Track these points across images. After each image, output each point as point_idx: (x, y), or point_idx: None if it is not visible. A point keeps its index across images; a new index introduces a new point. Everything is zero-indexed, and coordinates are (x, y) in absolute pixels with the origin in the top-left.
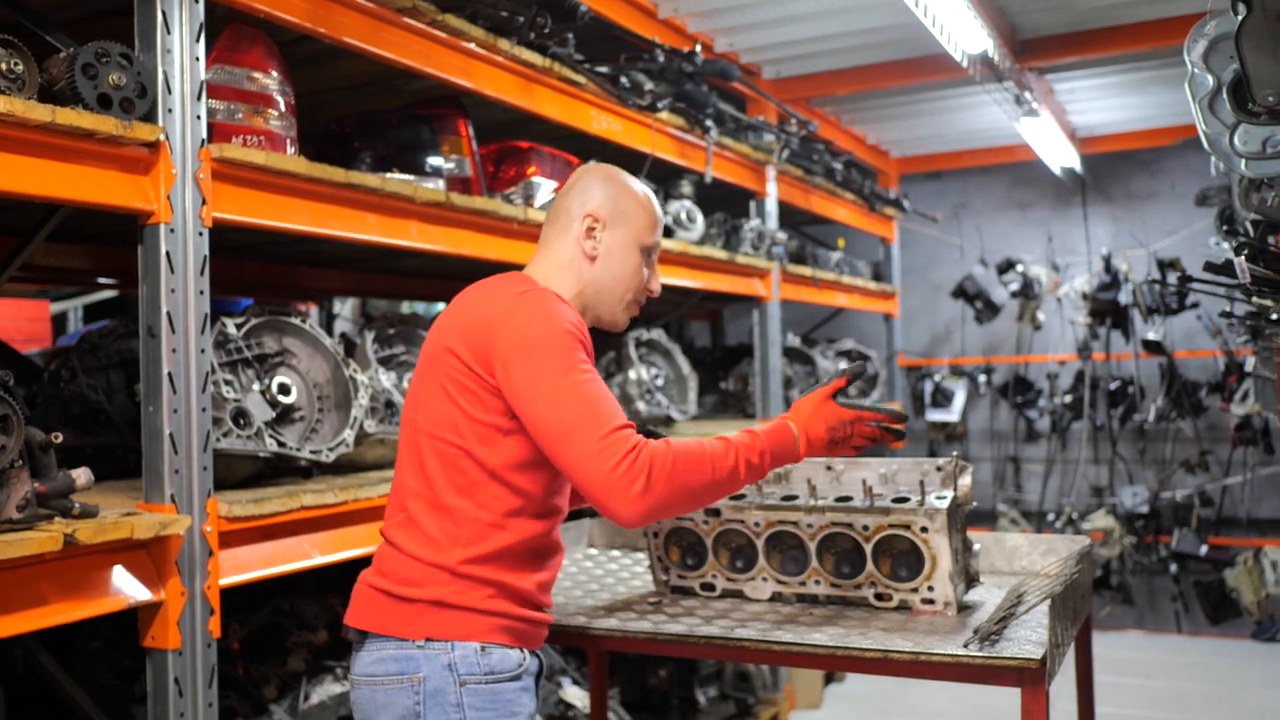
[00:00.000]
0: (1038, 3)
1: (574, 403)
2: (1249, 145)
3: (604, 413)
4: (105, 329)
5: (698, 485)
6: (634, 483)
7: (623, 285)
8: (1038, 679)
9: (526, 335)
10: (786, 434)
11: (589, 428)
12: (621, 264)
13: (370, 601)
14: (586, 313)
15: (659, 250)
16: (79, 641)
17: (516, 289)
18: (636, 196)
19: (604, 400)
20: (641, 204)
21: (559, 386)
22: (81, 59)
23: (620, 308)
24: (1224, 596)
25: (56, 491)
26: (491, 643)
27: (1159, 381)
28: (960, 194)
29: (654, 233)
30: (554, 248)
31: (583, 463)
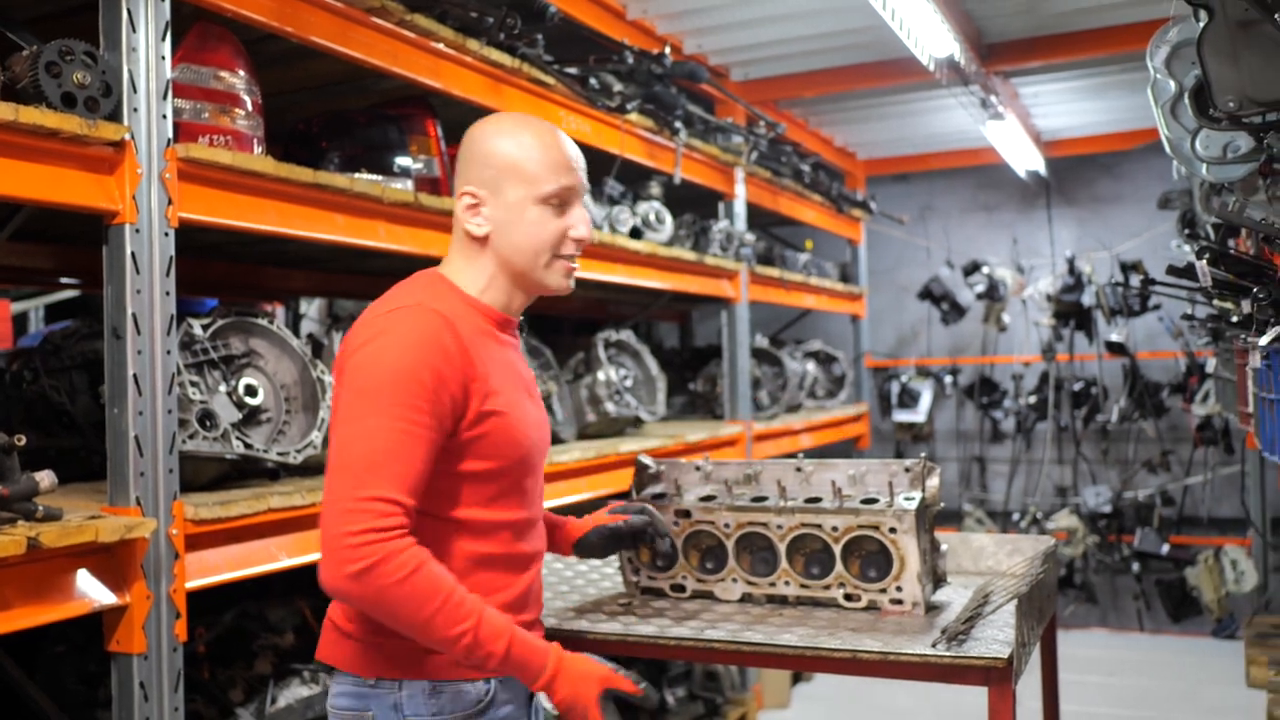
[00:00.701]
0: (1003, 7)
1: (361, 446)
2: (1210, 150)
3: (379, 472)
4: (68, 329)
5: (404, 617)
6: (353, 562)
7: (532, 250)
8: (1004, 678)
9: (365, 359)
10: (534, 667)
11: (354, 480)
12: (521, 229)
13: (329, 636)
14: (513, 298)
15: (577, 190)
16: (43, 646)
17: (391, 304)
18: (517, 147)
19: (393, 459)
20: (525, 154)
21: (359, 423)
22: (45, 57)
23: (544, 272)
24: (1185, 595)
25: (20, 495)
26: (444, 679)
27: (1122, 382)
28: (927, 196)
29: (554, 177)
30: (458, 234)
31: (327, 509)
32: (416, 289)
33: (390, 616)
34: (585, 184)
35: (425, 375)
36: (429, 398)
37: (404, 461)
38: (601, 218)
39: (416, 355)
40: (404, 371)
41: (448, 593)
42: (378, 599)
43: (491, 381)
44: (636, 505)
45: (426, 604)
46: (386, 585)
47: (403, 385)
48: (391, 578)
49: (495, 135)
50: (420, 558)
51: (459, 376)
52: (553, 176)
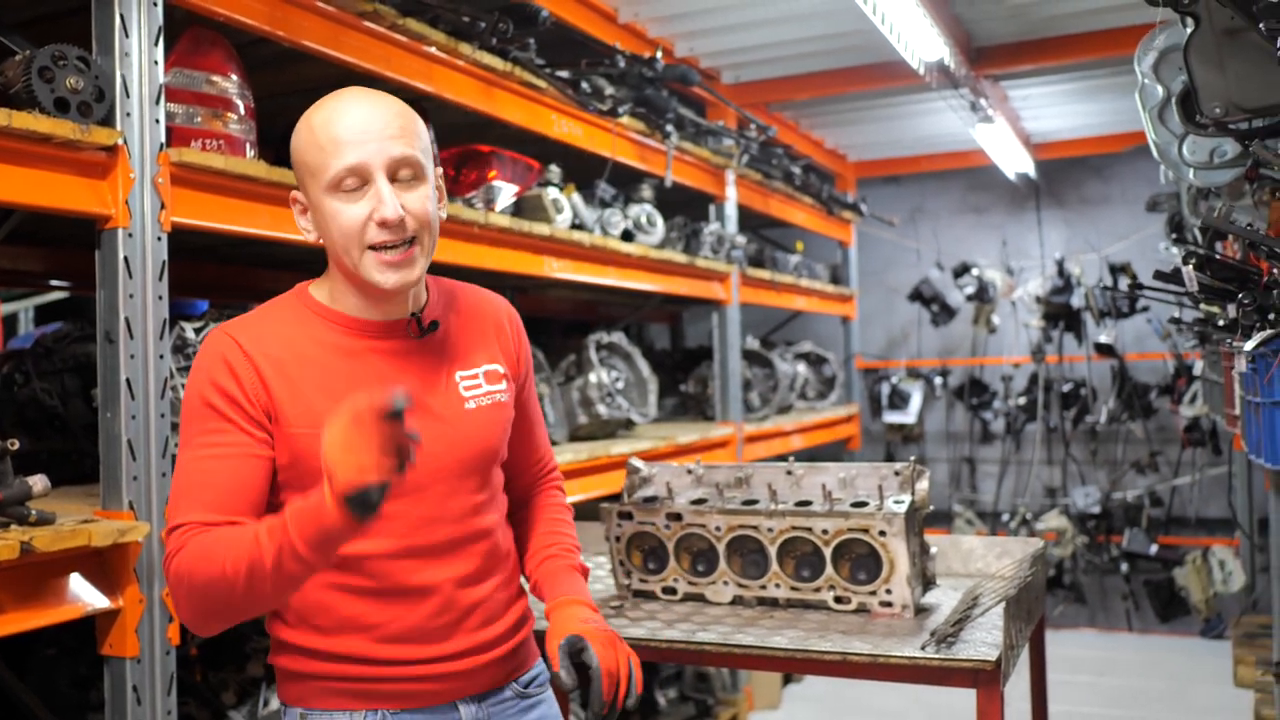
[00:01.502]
0: (992, 11)
1: (172, 486)
2: (1197, 155)
3: (176, 504)
4: (60, 332)
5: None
6: (170, 587)
7: (343, 246)
8: (992, 680)
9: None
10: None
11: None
12: (328, 226)
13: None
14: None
15: (374, 166)
16: (35, 649)
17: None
18: (299, 139)
19: (189, 487)
20: (304, 143)
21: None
22: (38, 62)
23: (364, 268)
24: (1173, 595)
25: (13, 499)
26: (314, 708)
27: (1110, 384)
28: (917, 198)
29: (333, 159)
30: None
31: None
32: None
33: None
34: (392, 154)
35: (211, 394)
36: (221, 414)
37: (200, 485)
38: (593, 220)
39: (200, 376)
40: (192, 396)
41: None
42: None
43: (297, 402)
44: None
45: (220, 579)
46: (186, 588)
47: (193, 412)
48: (186, 582)
49: (296, 130)
50: (195, 544)
51: (250, 395)
52: (330, 160)
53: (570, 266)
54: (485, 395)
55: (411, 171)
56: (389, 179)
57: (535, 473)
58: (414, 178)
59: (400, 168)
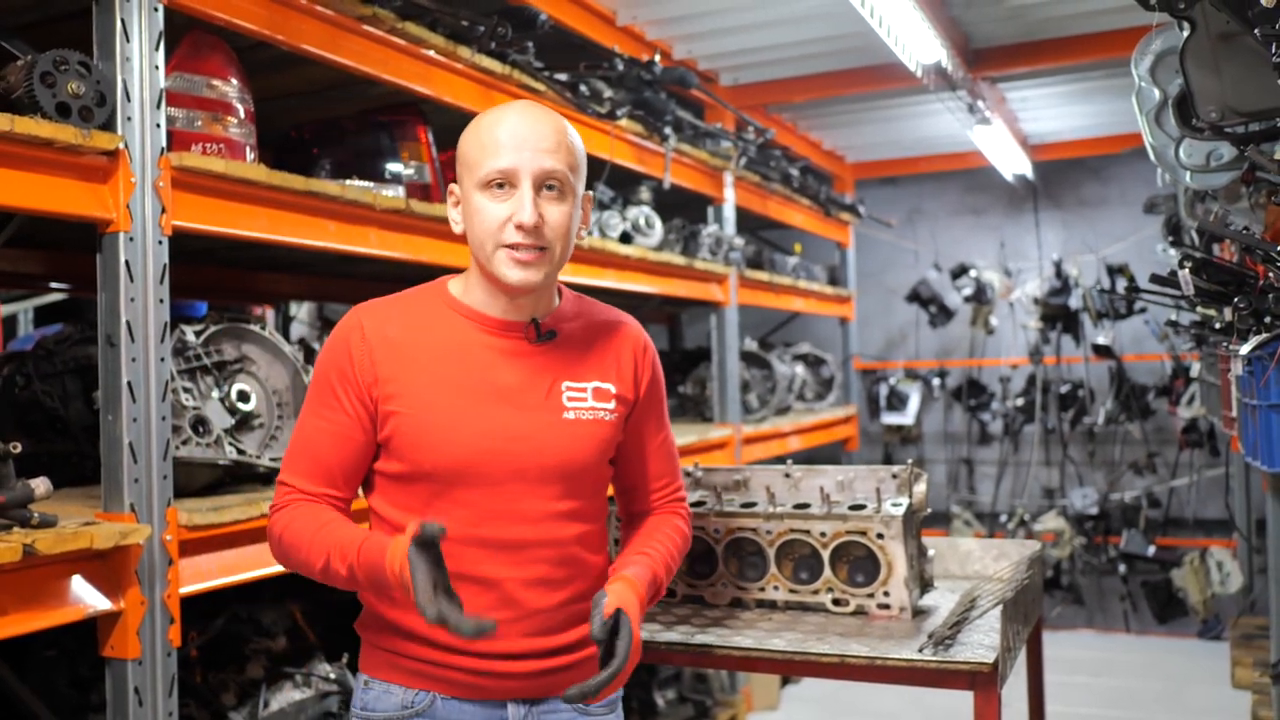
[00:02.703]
0: (990, 14)
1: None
2: (1194, 158)
3: (288, 463)
4: (60, 334)
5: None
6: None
7: (480, 240)
8: (990, 682)
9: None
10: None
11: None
12: (471, 220)
13: None
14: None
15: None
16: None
17: None
18: (466, 137)
19: (299, 451)
20: (469, 141)
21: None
22: (40, 67)
23: (495, 263)
24: (1171, 596)
25: (15, 501)
26: (374, 678)
27: (1108, 385)
28: (915, 199)
29: (488, 160)
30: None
31: None
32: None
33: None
34: (542, 165)
35: (330, 374)
36: (335, 394)
37: (304, 453)
38: (592, 222)
39: (326, 356)
40: (319, 371)
41: (312, 533)
42: (281, 558)
43: (400, 382)
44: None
45: (298, 549)
46: (276, 543)
47: (316, 385)
48: (276, 537)
49: (466, 129)
50: (295, 512)
51: (361, 376)
52: (487, 159)
53: (569, 269)
54: (588, 410)
55: (558, 185)
56: (535, 188)
57: (656, 496)
58: (560, 192)
59: (547, 179)
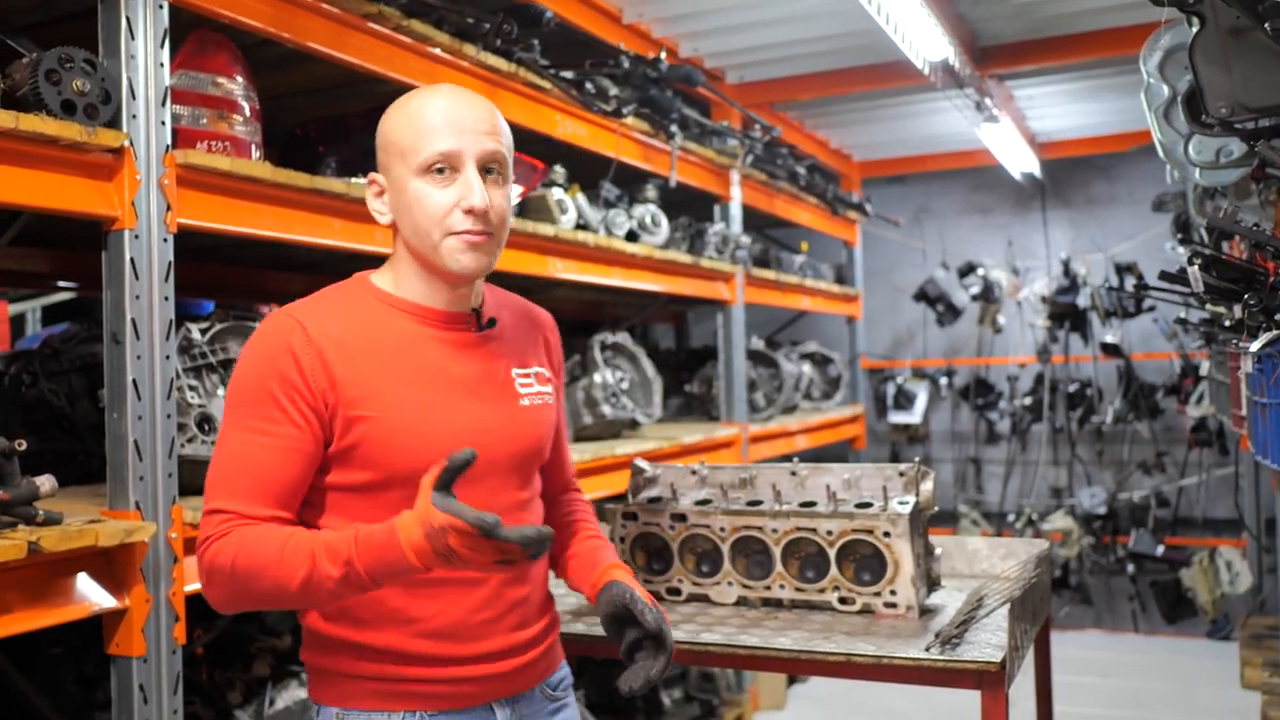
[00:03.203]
0: (997, 11)
1: (213, 462)
2: (1203, 155)
3: (220, 485)
4: (67, 333)
5: (257, 590)
6: (200, 568)
7: (421, 230)
8: (997, 682)
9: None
10: (391, 539)
11: (206, 496)
12: (410, 209)
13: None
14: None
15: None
16: (40, 648)
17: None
18: (394, 121)
19: (233, 471)
20: (399, 125)
21: (220, 439)
22: (45, 65)
23: (438, 254)
24: (1180, 596)
25: (20, 499)
26: (353, 709)
27: (1117, 384)
28: (922, 198)
29: (427, 143)
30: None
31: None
32: (316, 294)
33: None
34: (485, 147)
35: (270, 382)
36: (278, 404)
37: (245, 472)
38: (597, 220)
39: (258, 363)
40: (248, 380)
41: (278, 548)
42: (229, 593)
43: (361, 385)
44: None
45: (264, 570)
46: (223, 578)
47: (246, 396)
48: (223, 569)
49: (387, 114)
50: (241, 536)
51: (311, 382)
52: (425, 143)
53: (575, 267)
54: (537, 395)
55: (499, 169)
56: (479, 171)
57: (564, 482)
58: (500, 176)
59: (490, 162)
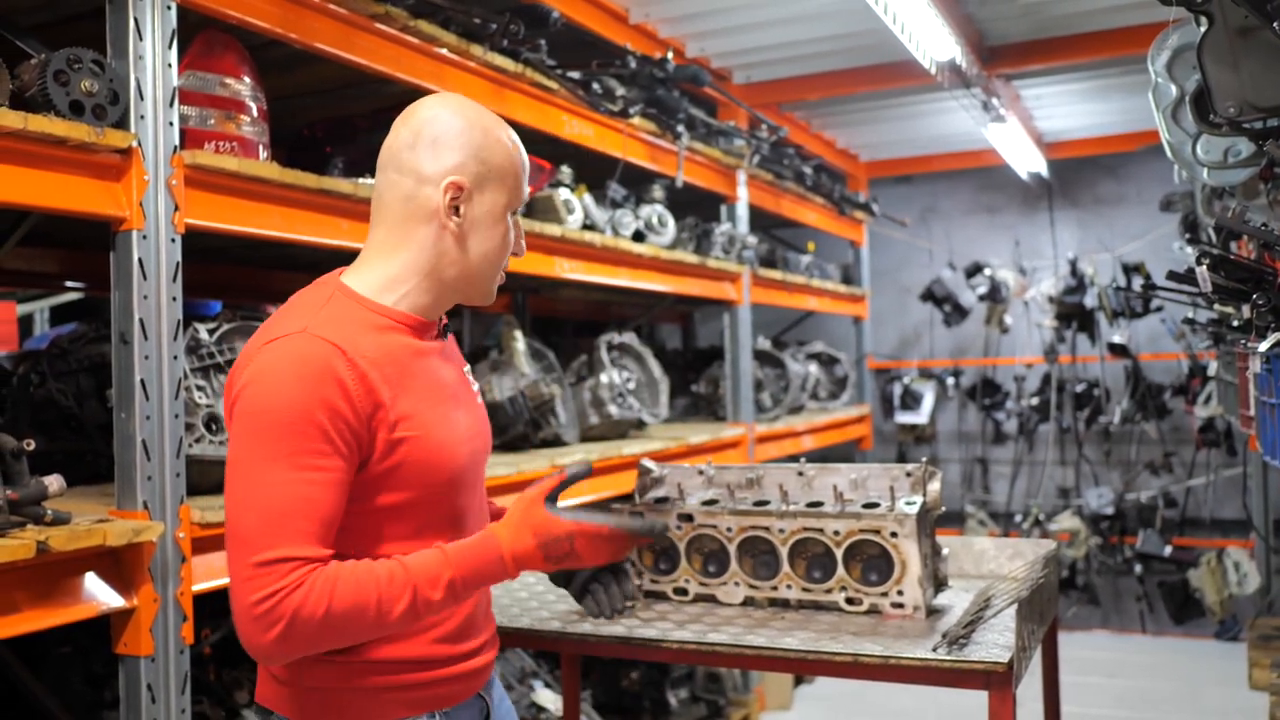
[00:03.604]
0: (1004, 10)
1: (254, 506)
2: (1211, 155)
3: (275, 531)
4: (75, 333)
5: (351, 635)
6: (271, 628)
7: (493, 264)
8: (1004, 682)
9: (247, 403)
10: (491, 552)
11: (248, 546)
12: (490, 239)
13: (265, 680)
14: (439, 302)
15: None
16: (49, 647)
17: (272, 332)
18: (505, 146)
19: (291, 514)
20: (511, 155)
21: (251, 480)
22: (53, 66)
23: (492, 287)
24: (1188, 597)
25: (29, 499)
26: None
27: (1124, 384)
28: (929, 198)
29: (524, 187)
30: (392, 229)
31: (233, 582)
32: (305, 309)
33: (337, 642)
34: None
35: (317, 412)
36: (326, 437)
37: (304, 514)
38: (604, 221)
39: (304, 391)
40: (293, 412)
41: (373, 584)
42: (315, 642)
43: (400, 405)
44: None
45: (364, 610)
46: (314, 630)
47: (295, 429)
48: (313, 621)
49: (485, 125)
50: (328, 579)
51: (358, 408)
52: (523, 186)
53: (582, 267)
54: (478, 392)
55: None
56: None
57: None
58: None
59: None
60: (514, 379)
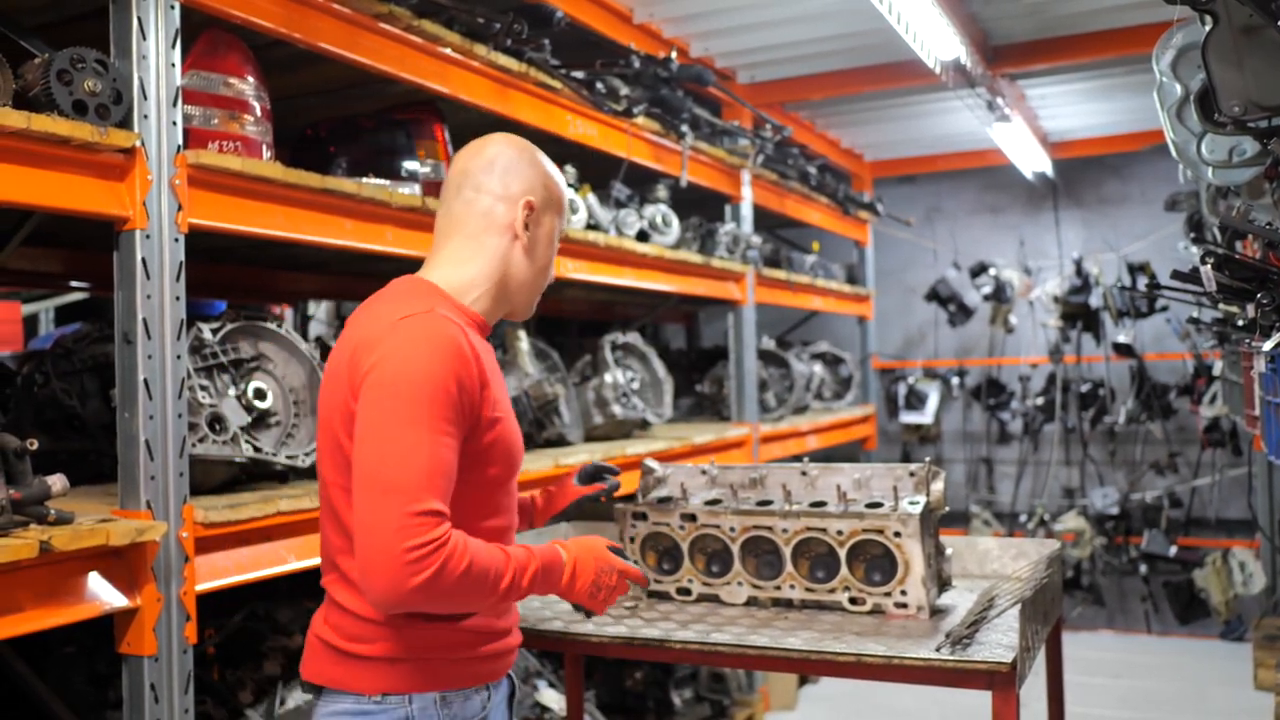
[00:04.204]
0: (1009, 10)
1: (404, 460)
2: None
3: (427, 486)
4: (79, 333)
5: (471, 597)
6: (419, 574)
7: (544, 278)
8: (1008, 682)
9: (387, 370)
10: (558, 563)
11: (405, 495)
12: (546, 255)
13: (322, 656)
14: (497, 309)
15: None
16: (53, 647)
17: (399, 311)
18: (559, 180)
19: (435, 472)
20: (562, 188)
21: (398, 438)
22: (57, 65)
23: (535, 300)
24: (1193, 596)
25: (32, 498)
26: (451, 690)
27: (1129, 384)
28: (933, 198)
29: (565, 212)
30: (464, 243)
31: (381, 527)
32: (420, 295)
33: (457, 606)
34: None
35: (451, 384)
36: (455, 406)
37: (442, 473)
38: (608, 220)
39: (441, 363)
40: (433, 381)
41: (491, 556)
42: (448, 595)
43: (492, 389)
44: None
45: (485, 580)
46: (452, 584)
47: (433, 396)
48: (454, 575)
49: (545, 161)
50: (467, 540)
51: (474, 384)
52: (565, 213)
53: (586, 267)
54: None
55: None
56: None
57: None
58: None
59: None
60: (518, 379)
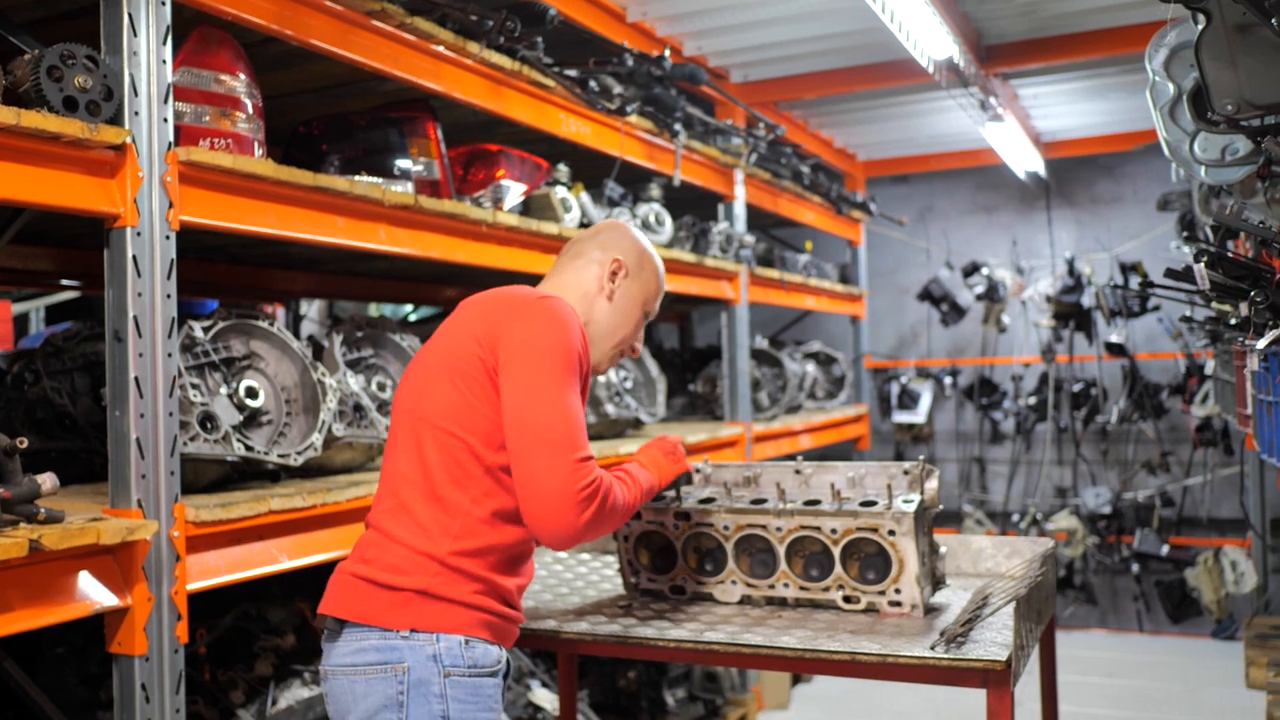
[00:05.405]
0: (1002, 9)
1: (563, 416)
2: (1208, 153)
3: (581, 436)
4: (69, 331)
5: (618, 518)
6: (587, 508)
7: (620, 333)
8: (1002, 680)
9: (536, 336)
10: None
11: (570, 445)
12: (626, 313)
13: (352, 590)
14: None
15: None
16: (44, 647)
17: (537, 293)
18: (656, 262)
19: (582, 424)
20: (658, 270)
21: (554, 396)
22: (47, 61)
23: (609, 354)
24: (1185, 596)
25: (21, 497)
26: (475, 637)
27: (1121, 383)
28: (926, 197)
29: (658, 299)
30: (569, 277)
31: (553, 475)
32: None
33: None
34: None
35: (579, 354)
36: (580, 375)
37: (582, 427)
38: (601, 219)
39: (575, 338)
40: (571, 351)
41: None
42: (608, 523)
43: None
44: None
45: (626, 506)
46: (607, 514)
47: (570, 365)
48: (609, 507)
49: (647, 245)
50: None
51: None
52: (658, 299)
53: None
54: None
55: None
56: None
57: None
58: None
59: None
60: None
